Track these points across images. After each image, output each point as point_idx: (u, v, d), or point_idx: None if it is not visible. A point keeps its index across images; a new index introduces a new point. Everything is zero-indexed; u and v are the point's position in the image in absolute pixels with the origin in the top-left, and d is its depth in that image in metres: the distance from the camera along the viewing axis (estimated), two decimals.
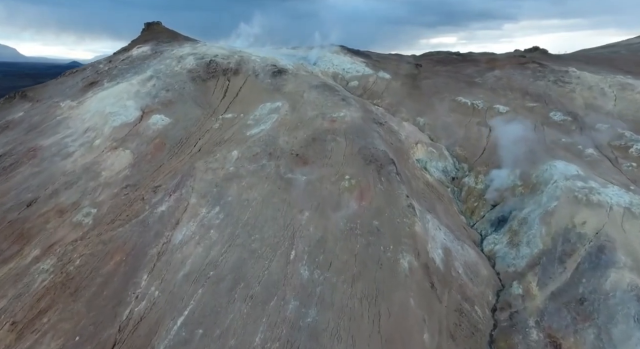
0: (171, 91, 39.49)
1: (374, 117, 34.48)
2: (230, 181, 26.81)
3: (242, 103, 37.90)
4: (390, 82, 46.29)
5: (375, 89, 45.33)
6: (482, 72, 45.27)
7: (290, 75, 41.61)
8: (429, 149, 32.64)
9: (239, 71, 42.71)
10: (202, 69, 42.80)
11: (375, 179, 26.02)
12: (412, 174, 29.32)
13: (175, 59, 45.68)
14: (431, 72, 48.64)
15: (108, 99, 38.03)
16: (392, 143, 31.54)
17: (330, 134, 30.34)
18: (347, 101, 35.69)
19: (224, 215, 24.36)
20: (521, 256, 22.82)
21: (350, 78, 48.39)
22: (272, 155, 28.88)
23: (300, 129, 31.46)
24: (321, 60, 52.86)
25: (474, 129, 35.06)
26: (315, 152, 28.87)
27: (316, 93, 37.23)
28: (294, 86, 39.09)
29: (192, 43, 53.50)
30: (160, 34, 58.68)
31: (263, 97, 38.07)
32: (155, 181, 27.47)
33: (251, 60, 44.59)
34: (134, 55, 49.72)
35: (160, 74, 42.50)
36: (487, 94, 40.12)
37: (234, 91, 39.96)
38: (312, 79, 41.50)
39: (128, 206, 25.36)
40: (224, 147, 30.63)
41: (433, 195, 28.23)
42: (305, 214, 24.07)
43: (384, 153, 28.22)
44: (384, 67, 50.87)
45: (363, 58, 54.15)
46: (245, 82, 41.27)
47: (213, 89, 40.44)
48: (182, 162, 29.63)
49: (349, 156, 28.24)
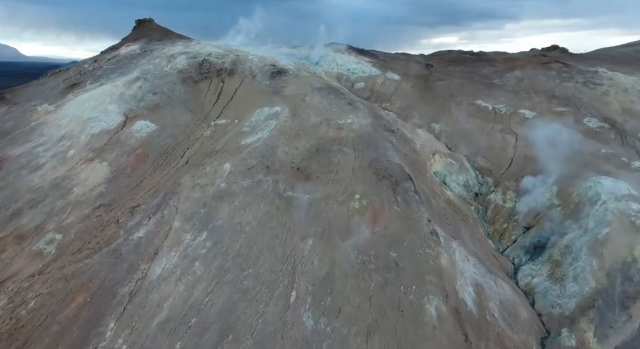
0: (159, 93, 35.67)
1: (385, 123, 30.64)
2: (220, 200, 23.01)
3: (237, 107, 34.08)
4: (399, 84, 42.43)
5: (383, 92, 41.48)
6: (501, 73, 41.39)
7: (290, 76, 37.78)
8: (448, 160, 28.78)
9: (234, 72, 38.88)
10: (194, 69, 38.98)
11: (390, 198, 22.19)
12: (431, 190, 25.46)
13: (165, 58, 41.86)
14: (443, 72, 44.75)
15: (88, 103, 34.22)
16: (407, 154, 27.69)
17: (336, 144, 26.52)
18: (354, 105, 31.86)
19: (211, 243, 20.54)
20: (568, 294, 18.95)
21: (355, 79, 44.54)
22: (270, 169, 25.07)
23: (301, 138, 27.64)
24: (324, 59, 48.99)
25: (498, 137, 31.18)
26: (320, 165, 25.05)
27: (319, 96, 33.41)
28: (295, 88, 35.26)
29: (186, 41, 49.68)
30: (152, 32, 54.86)
31: (260, 100, 34.25)
32: (133, 200, 23.64)
33: (248, 60, 40.76)
34: (121, 55, 45.89)
35: (148, 74, 38.68)
36: (509, 97, 36.24)
37: (228, 94, 36.15)
38: (314, 81, 37.67)
39: (99, 231, 21.53)
40: (214, 159, 26.81)
41: (456, 216, 24.38)
42: (309, 242, 20.25)
43: (398, 167, 24.38)
44: (392, 68, 46.99)
45: (369, 57, 50.27)
46: (241, 83, 37.45)
47: (205, 91, 36.63)
48: (166, 176, 25.81)
49: (359, 170, 24.42)
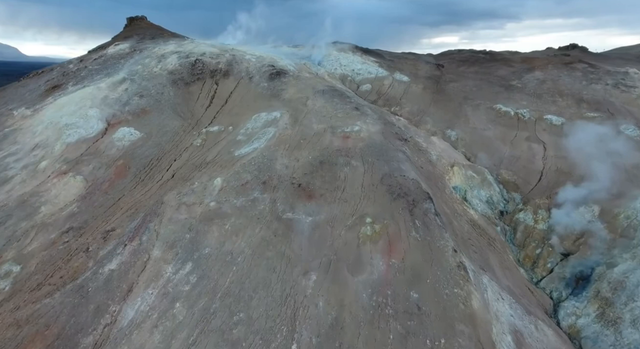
0: (146, 96, 32.47)
1: (397, 131, 27.36)
2: (209, 222, 19.78)
3: (231, 112, 30.85)
4: (409, 86, 39.16)
5: (392, 94, 38.23)
6: (520, 74, 38.12)
7: (290, 77, 34.56)
8: (468, 172, 25.50)
9: (229, 73, 35.67)
10: (185, 70, 35.76)
11: (408, 222, 18.92)
12: (452, 210, 22.19)
13: (155, 58, 38.66)
14: (456, 73, 41.48)
15: (68, 107, 31.02)
16: (422, 167, 24.42)
17: (342, 156, 23.27)
18: (362, 110, 28.61)
19: (197, 277, 17.30)
20: (627, 343, 15.69)
21: (361, 81, 41.30)
22: (267, 185, 21.82)
23: (303, 149, 24.40)
24: (327, 59, 45.75)
25: (523, 146, 27.90)
26: (324, 181, 21.80)
27: (323, 100, 30.17)
28: (296, 91, 32.03)
29: (179, 40, 46.47)
30: (144, 30, 51.70)
31: (258, 104, 31.03)
32: (108, 222, 20.40)
33: (245, 60, 37.55)
34: (108, 54, 42.69)
35: (136, 75, 35.48)
36: (532, 101, 32.98)
37: (222, 97, 32.93)
38: (317, 83, 34.44)
39: (65, 262, 18.29)
40: (204, 173, 23.58)
41: (482, 240, 21.10)
42: (312, 277, 16.99)
43: (415, 183, 21.11)
44: (400, 68, 43.74)
45: (375, 57, 47.01)
46: (236, 86, 34.24)
47: (197, 94, 33.41)
48: (148, 193, 22.56)
49: (369, 187, 21.17)
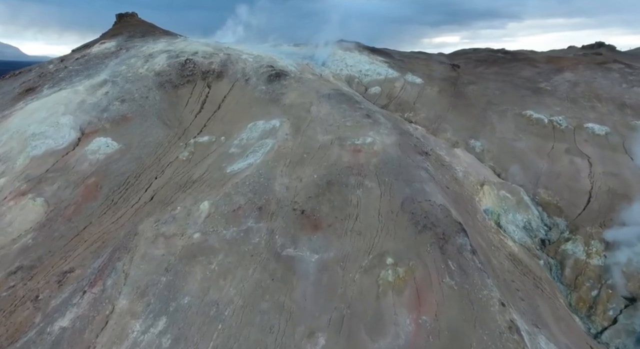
0: (128, 101, 28.68)
1: (415, 142, 23.54)
2: (191, 260, 16.01)
3: (224, 120, 27.04)
4: (423, 89, 35.32)
5: (404, 98, 34.37)
6: (547, 75, 34.32)
7: (292, 79, 30.73)
8: (501, 192, 21.66)
9: (223, 74, 31.84)
10: (174, 71, 31.93)
11: (439, 263, 15.11)
12: (487, 241, 18.36)
13: (142, 57, 34.88)
14: (474, 75, 37.64)
15: (38, 113, 27.26)
16: (448, 186, 20.61)
17: (354, 175, 19.47)
18: (374, 118, 24.81)
19: (171, 339, 13.52)
20: None
21: (369, 83, 37.41)
22: (264, 211, 18.04)
23: (307, 165, 20.60)
24: (331, 59, 41.89)
25: (564, 161, 24.06)
26: (332, 207, 18.00)
27: (329, 106, 26.37)
28: (298, 96, 28.21)
29: (171, 38, 42.69)
30: (134, 28, 47.85)
31: (254, 111, 27.23)
32: (67, 260, 16.63)
33: (241, 60, 33.72)
34: (92, 53, 38.92)
35: (119, 77, 31.70)
36: (567, 106, 29.15)
37: (214, 102, 29.10)
38: (321, 86, 30.61)
39: (7, 315, 14.53)
40: (189, 194, 19.80)
41: (527, 281, 17.27)
42: (319, 341, 13.21)
43: (443, 211, 17.30)
44: (411, 69, 39.87)
45: (383, 57, 43.15)
46: (231, 89, 30.41)
47: (187, 98, 29.57)
48: (120, 221, 18.78)
49: (388, 215, 17.37)
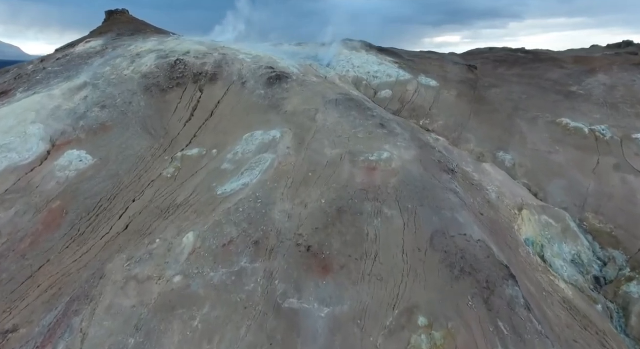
0: (109, 107, 25.36)
1: (439, 157, 20.16)
2: (169, 315, 12.68)
3: (217, 129, 23.70)
4: (439, 92, 31.94)
5: (418, 103, 30.99)
6: (578, 78, 30.93)
7: (294, 83, 27.37)
8: (543, 218, 18.25)
9: (217, 76, 28.48)
10: (163, 72, 28.60)
11: (486, 324, 11.76)
12: (537, 285, 14.97)
13: (128, 58, 31.55)
14: (494, 77, 34.25)
15: (5, 122, 23.95)
16: (482, 213, 17.22)
17: (370, 200, 16.13)
18: (389, 128, 21.47)
19: None
20: None
21: (379, 85, 34.03)
22: (261, 247, 14.71)
23: (312, 186, 17.25)
24: (337, 59, 38.55)
25: (614, 179, 20.62)
26: (345, 242, 14.66)
27: (337, 114, 23.03)
28: (301, 101, 24.87)
29: (163, 36, 39.40)
30: (124, 25, 44.58)
31: (252, 119, 23.89)
32: (12, 313, 13.28)
33: (238, 61, 30.36)
34: (76, 53, 35.63)
35: (101, 80, 28.40)
36: (607, 114, 25.75)
37: (207, 109, 25.75)
38: (327, 89, 27.26)
39: None
40: (172, 222, 16.48)
41: (590, 337, 13.84)
42: None
43: (484, 249, 13.95)
44: (424, 70, 36.47)
45: (393, 57, 39.77)
46: (225, 93, 27.06)
47: (176, 104, 26.23)
48: (85, 258, 15.42)
49: (414, 254, 14.03)
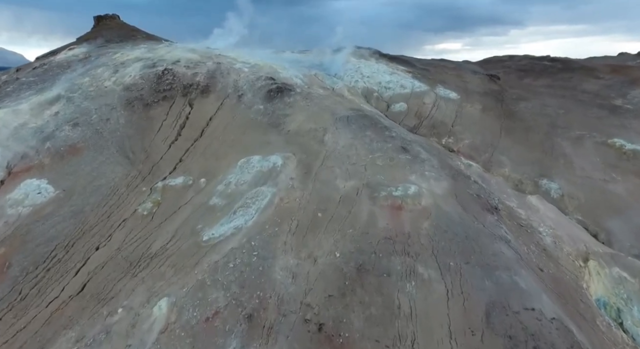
0: (83, 125, 21.79)
1: (477, 191, 16.41)
2: None
3: (207, 153, 20.02)
4: (461, 106, 28.29)
5: (438, 118, 27.31)
6: (619, 90, 27.31)
7: (298, 96, 23.77)
8: (614, 271, 14.47)
9: (210, 89, 24.90)
10: (148, 84, 25.03)
11: None
12: None
13: (111, 67, 28.04)
14: (521, 88, 30.65)
15: None
16: (541, 268, 13.43)
17: (399, 254, 12.40)
18: (413, 152, 17.76)
19: None
20: None
21: (392, 98, 30.40)
22: (255, 322, 10.98)
23: (323, 233, 13.52)
24: (344, 68, 35.02)
25: None
26: (369, 318, 10.92)
27: (349, 134, 19.35)
28: (306, 118, 21.23)
29: (154, 43, 35.91)
30: (113, 31, 41.18)
31: (248, 140, 20.23)
32: None
33: (234, 70, 26.80)
34: (55, 61, 32.16)
35: (77, 92, 24.88)
36: None
37: (196, 127, 22.12)
38: (336, 104, 23.64)
39: None
40: (141, 283, 12.75)
41: None
42: None
43: (562, 332, 10.25)
44: (441, 80, 32.87)
45: (405, 66, 36.21)
46: (219, 108, 23.46)
47: (160, 121, 22.62)
48: (18, 336, 11.65)
49: (465, 336, 10.28)
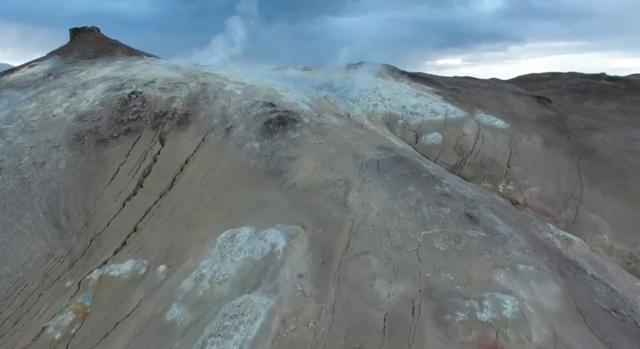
0: (6, 172, 15.69)
1: (608, 299, 9.99)
2: None
3: (174, 218, 13.66)
4: (515, 138, 22.04)
5: (486, 154, 20.98)
6: None
7: (306, 129, 17.55)
8: None
9: (189, 118, 18.70)
10: (109, 112, 18.88)
11: None
12: None
13: (69, 88, 22.10)
14: (584, 113, 24.53)
15: None
16: None
17: None
18: (485, 222, 11.48)
19: None
20: None
21: (421, 127, 24.10)
22: None
23: None
24: (357, 88, 28.99)
25: None
26: None
27: (384, 191, 13.04)
28: (319, 164, 14.93)
29: (134, 59, 30.00)
30: (89, 45, 35.39)
31: (236, 198, 13.91)
32: None
33: (222, 94, 20.68)
34: (7, 81, 26.26)
35: (15, 123, 18.84)
36: None
37: (165, 175, 15.80)
38: (358, 139, 17.39)
39: None
40: None
41: None
42: None
43: None
44: (478, 104, 26.69)
45: (431, 86, 30.18)
46: (199, 147, 17.20)
47: (116, 166, 16.32)
48: None
49: None
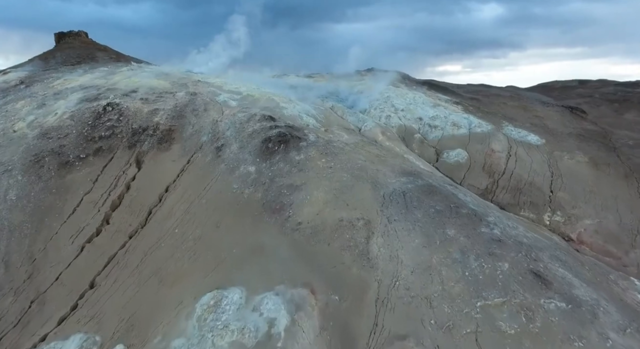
0: None
1: None
2: None
3: (143, 271, 10.55)
4: (553, 157, 19.00)
5: (522, 176, 17.89)
6: None
7: (312, 149, 14.50)
8: None
9: (173, 136, 15.67)
10: (78, 128, 15.87)
11: None
12: None
13: (38, 99, 19.18)
14: (628, 127, 21.55)
15: None
16: None
17: None
18: (558, 284, 8.52)
19: None
20: None
21: (442, 142, 21.06)
22: None
23: None
24: (364, 97, 26.05)
25: None
26: None
27: (418, 235, 10.00)
28: (330, 196, 11.88)
29: (120, 65, 27.08)
30: (74, 51, 32.48)
31: (223, 242, 10.83)
32: None
33: (214, 105, 17.68)
34: None
35: None
36: None
37: (137, 208, 12.72)
38: (375, 161, 14.35)
39: None
40: None
41: None
42: None
43: None
44: (504, 115, 23.71)
45: (449, 95, 27.24)
46: (183, 171, 14.14)
47: (79, 196, 13.23)
48: None
49: None
